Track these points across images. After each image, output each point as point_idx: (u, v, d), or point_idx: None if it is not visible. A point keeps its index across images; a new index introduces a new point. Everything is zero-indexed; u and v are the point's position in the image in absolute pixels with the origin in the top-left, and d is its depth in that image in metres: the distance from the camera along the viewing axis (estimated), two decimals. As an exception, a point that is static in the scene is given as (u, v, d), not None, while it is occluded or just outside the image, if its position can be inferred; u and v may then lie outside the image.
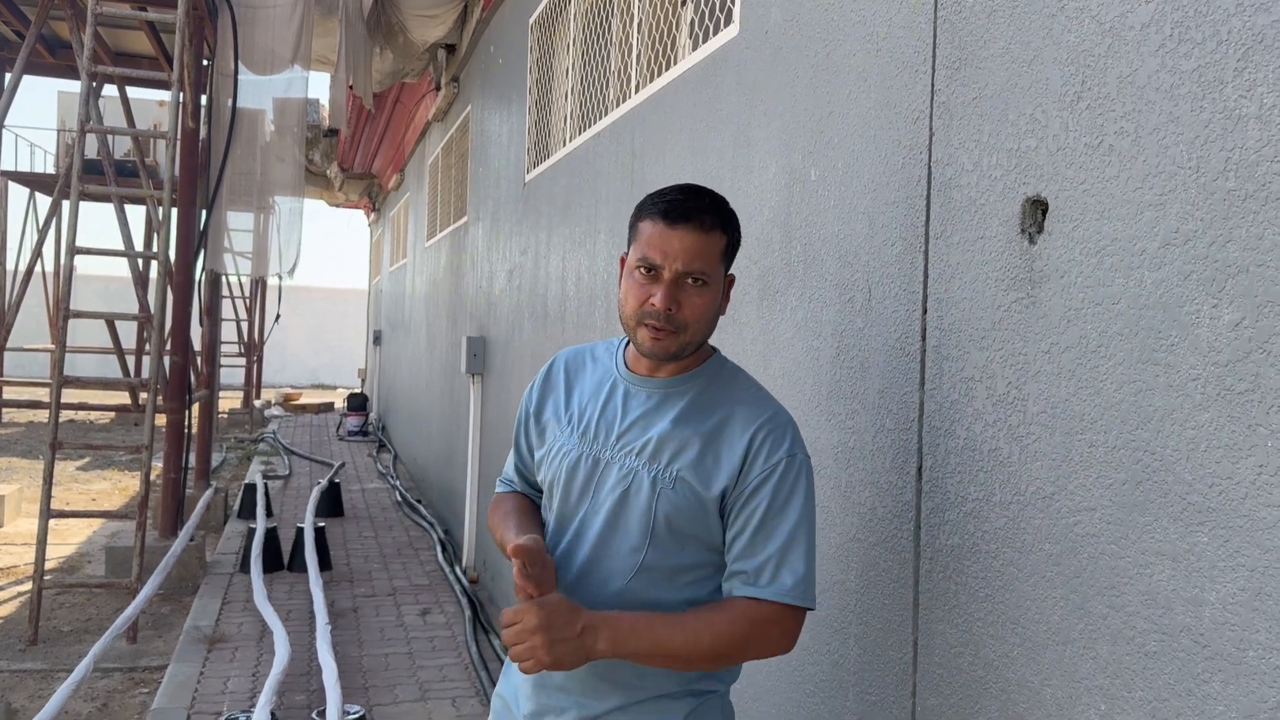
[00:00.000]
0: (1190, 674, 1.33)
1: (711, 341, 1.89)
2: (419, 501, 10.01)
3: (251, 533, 7.30)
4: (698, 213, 1.70)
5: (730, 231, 1.76)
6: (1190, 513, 1.33)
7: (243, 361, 18.02)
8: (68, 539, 8.45)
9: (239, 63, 7.86)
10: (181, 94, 6.73)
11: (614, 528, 1.75)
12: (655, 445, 1.74)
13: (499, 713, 1.97)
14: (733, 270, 1.77)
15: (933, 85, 1.94)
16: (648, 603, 1.72)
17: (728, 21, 3.01)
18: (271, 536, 7.30)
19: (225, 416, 16.55)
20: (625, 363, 1.86)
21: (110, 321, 12.26)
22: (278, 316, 17.31)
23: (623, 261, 1.80)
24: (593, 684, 1.76)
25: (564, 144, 5.07)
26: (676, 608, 1.71)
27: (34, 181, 17.17)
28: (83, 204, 6.91)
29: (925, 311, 1.94)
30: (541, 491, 1.95)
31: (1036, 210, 1.65)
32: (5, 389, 15.60)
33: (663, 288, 1.68)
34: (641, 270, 1.71)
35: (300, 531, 7.24)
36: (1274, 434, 1.22)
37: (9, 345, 11.85)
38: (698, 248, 1.69)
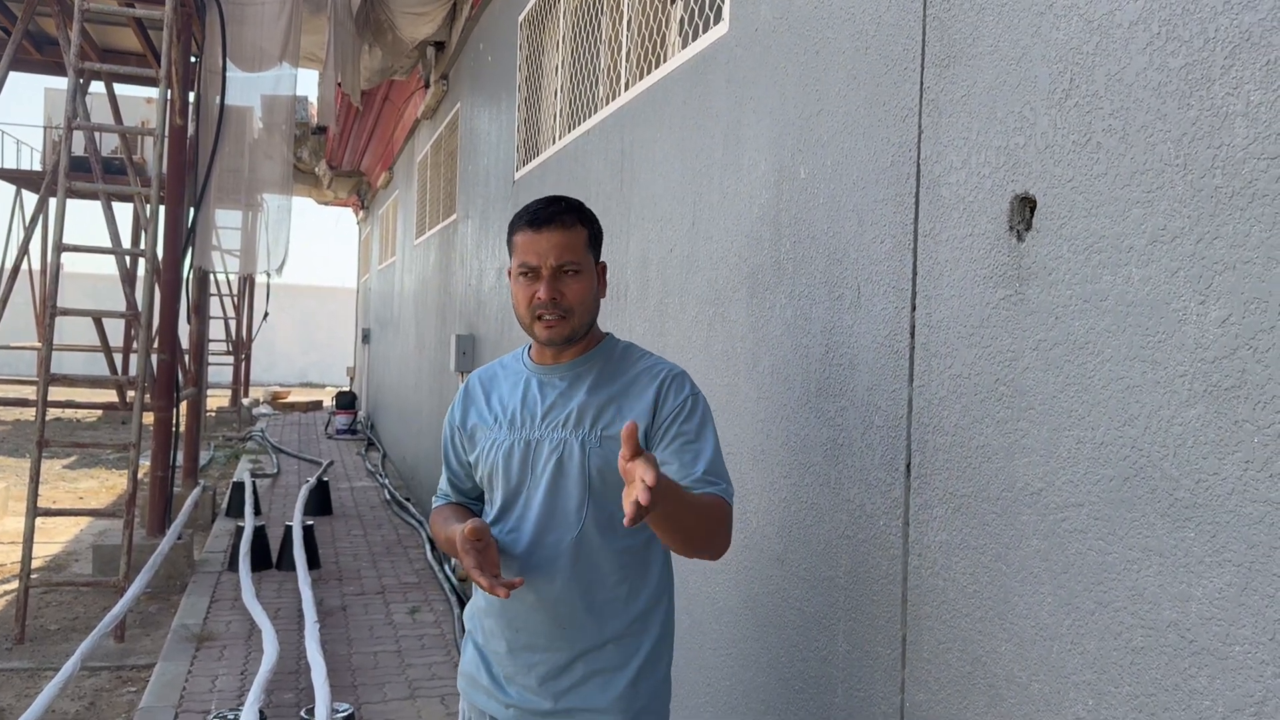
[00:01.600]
0: (1177, 669, 1.34)
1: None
2: (408, 500, 9.98)
3: (240, 531, 7.28)
4: (558, 214, 1.99)
5: (589, 225, 2.06)
6: (1177, 509, 1.34)
7: (231, 360, 17.96)
8: (55, 537, 8.41)
9: (227, 60, 7.83)
10: (169, 91, 6.71)
11: (556, 491, 2.00)
12: (577, 415, 2.00)
13: (465, 691, 2.17)
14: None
15: (922, 83, 1.94)
16: (594, 551, 1.99)
17: (717, 19, 3.01)
18: (260, 535, 7.28)
19: (213, 415, 16.49)
20: (532, 359, 2.12)
21: (98, 319, 12.20)
22: (266, 314, 17.26)
23: (509, 274, 2.06)
24: (555, 638, 2.00)
25: (553, 142, 5.06)
26: (616, 555, 2.01)
27: (21, 179, 17.06)
28: (70, 201, 6.88)
29: (914, 309, 1.95)
30: (475, 498, 2.21)
31: (1025, 208, 1.66)
32: (-9, 387, 15.52)
33: (543, 283, 1.96)
34: (524, 275, 1.99)
35: (289, 530, 7.22)
36: (1260, 430, 1.23)
37: (-5, 343, 11.78)
38: (564, 243, 1.97)
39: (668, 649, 2.10)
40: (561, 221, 1.99)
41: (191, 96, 8.00)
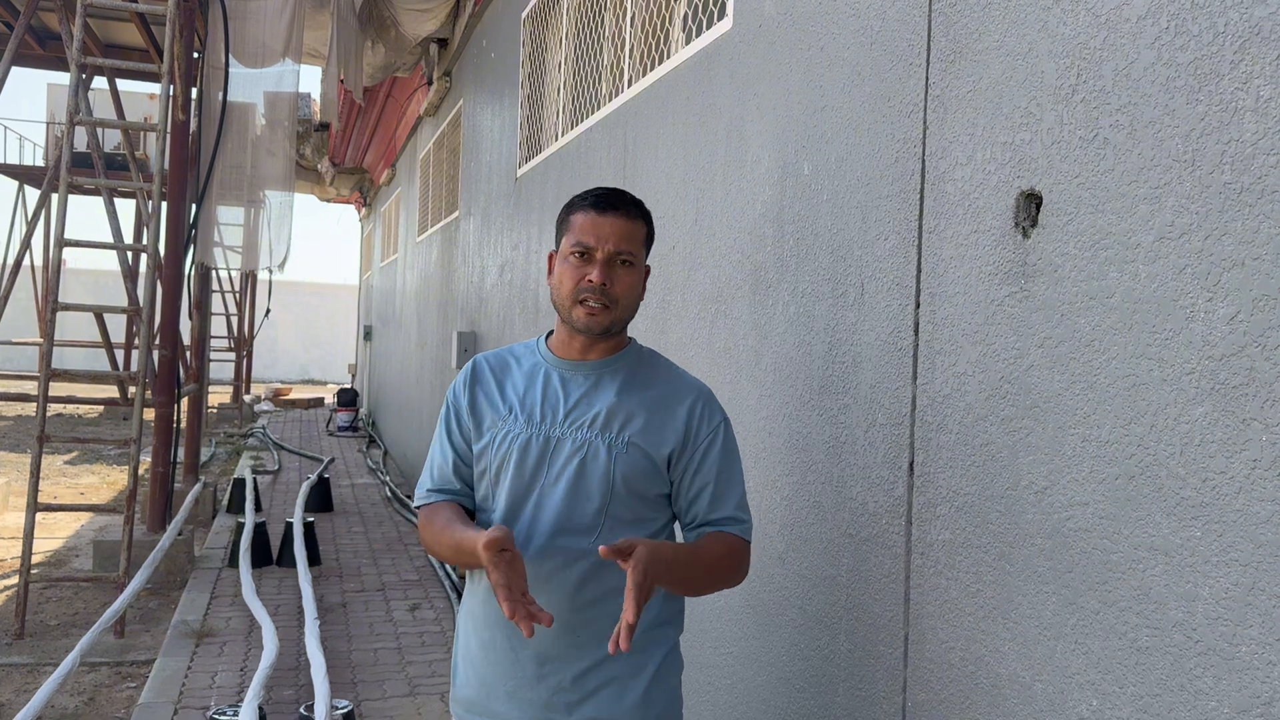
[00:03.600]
0: (1182, 669, 1.33)
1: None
2: (409, 497, 9.98)
3: (240, 527, 7.27)
4: (624, 203, 1.95)
5: (649, 224, 2.00)
6: (1183, 508, 1.33)
7: (232, 356, 17.95)
8: (55, 533, 8.40)
9: (230, 56, 7.82)
10: (172, 87, 6.70)
11: (575, 493, 1.90)
12: (605, 417, 1.93)
13: (463, 717, 2.01)
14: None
15: (927, 78, 1.93)
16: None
17: (721, 15, 2.99)
18: (260, 531, 7.27)
19: (214, 411, 16.49)
20: (552, 351, 2.03)
21: (99, 315, 12.20)
22: (268, 311, 17.24)
23: (551, 258, 2.01)
24: (569, 646, 1.90)
25: (556, 139, 5.05)
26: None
27: (23, 174, 17.07)
28: (72, 197, 6.87)
29: (918, 306, 1.94)
30: (471, 492, 2.04)
31: (1030, 204, 1.64)
32: (-7, 382, 15.52)
33: (598, 266, 1.90)
34: (576, 255, 1.92)
35: (289, 526, 7.21)
36: (1268, 429, 1.21)
37: (-3, 338, 11.79)
38: (626, 231, 1.93)
39: (679, 656, 2.04)
40: (626, 211, 1.94)
41: (194, 92, 7.98)
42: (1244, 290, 1.25)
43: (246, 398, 18.18)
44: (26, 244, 11.49)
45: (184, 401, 8.19)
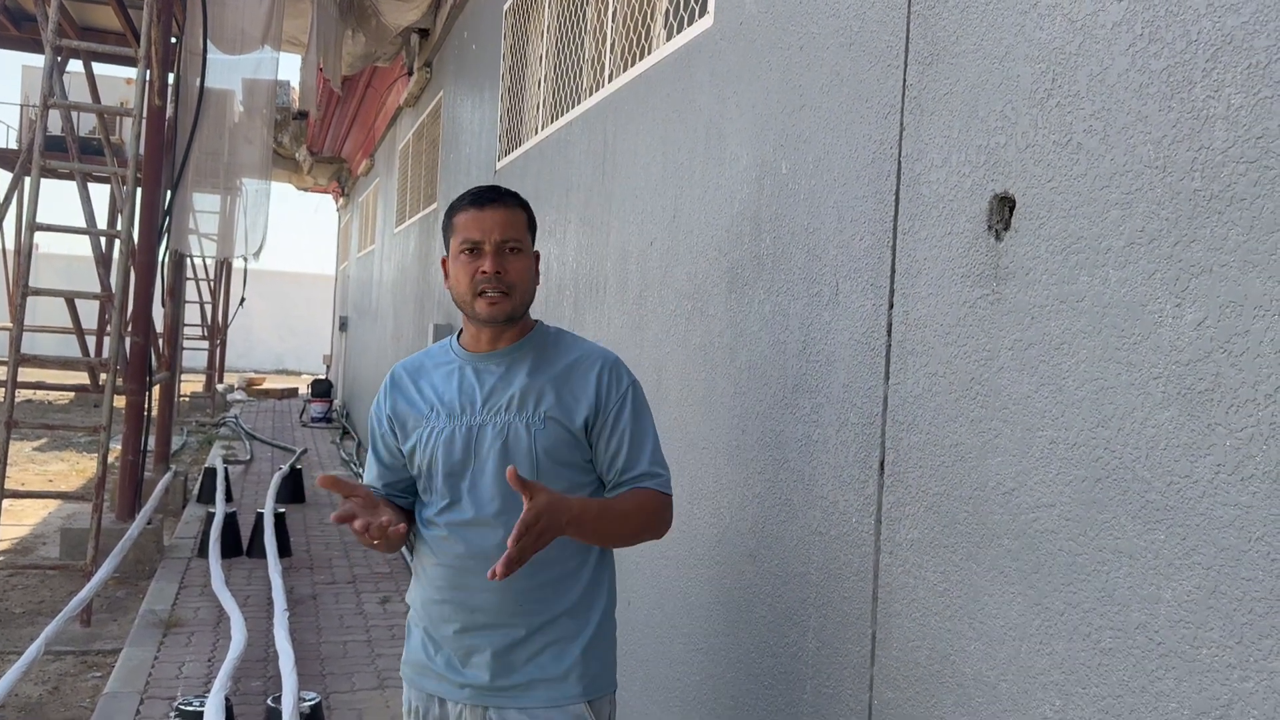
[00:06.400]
0: (1144, 671, 1.34)
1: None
2: (382, 489, 9.92)
3: (210, 517, 7.21)
4: (500, 195, 2.08)
5: (527, 210, 2.13)
6: (1148, 511, 1.34)
7: (205, 344, 17.79)
8: (22, 520, 8.31)
9: (208, 41, 7.75)
10: (149, 71, 6.63)
11: (503, 473, 1.99)
12: (519, 398, 2.05)
13: (412, 679, 2.15)
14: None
15: (904, 80, 1.94)
16: None
17: (703, 12, 2.99)
18: (231, 521, 7.21)
19: (186, 400, 16.34)
20: (464, 348, 2.14)
21: (70, 300, 12.08)
22: (242, 300, 17.10)
23: (444, 263, 2.12)
24: (513, 614, 2.03)
25: (536, 132, 5.04)
26: None
27: (-5, 156, 16.84)
28: (45, 181, 6.78)
29: (892, 306, 1.95)
30: (404, 490, 2.19)
31: (1004, 207, 1.65)
32: (-39, 367, 15.32)
33: (488, 257, 2.01)
34: (466, 251, 2.03)
35: (260, 517, 7.16)
36: (1233, 433, 1.23)
37: (-34, 322, 11.63)
38: (508, 220, 2.05)
39: (613, 618, 2.18)
40: (504, 202, 2.07)
41: (171, 78, 7.91)
42: (1211, 296, 1.26)
43: (219, 387, 18.04)
44: (-2, 227, 11.35)
45: (156, 389, 8.12)
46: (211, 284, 17.73)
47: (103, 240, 9.60)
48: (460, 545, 2.05)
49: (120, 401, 7.01)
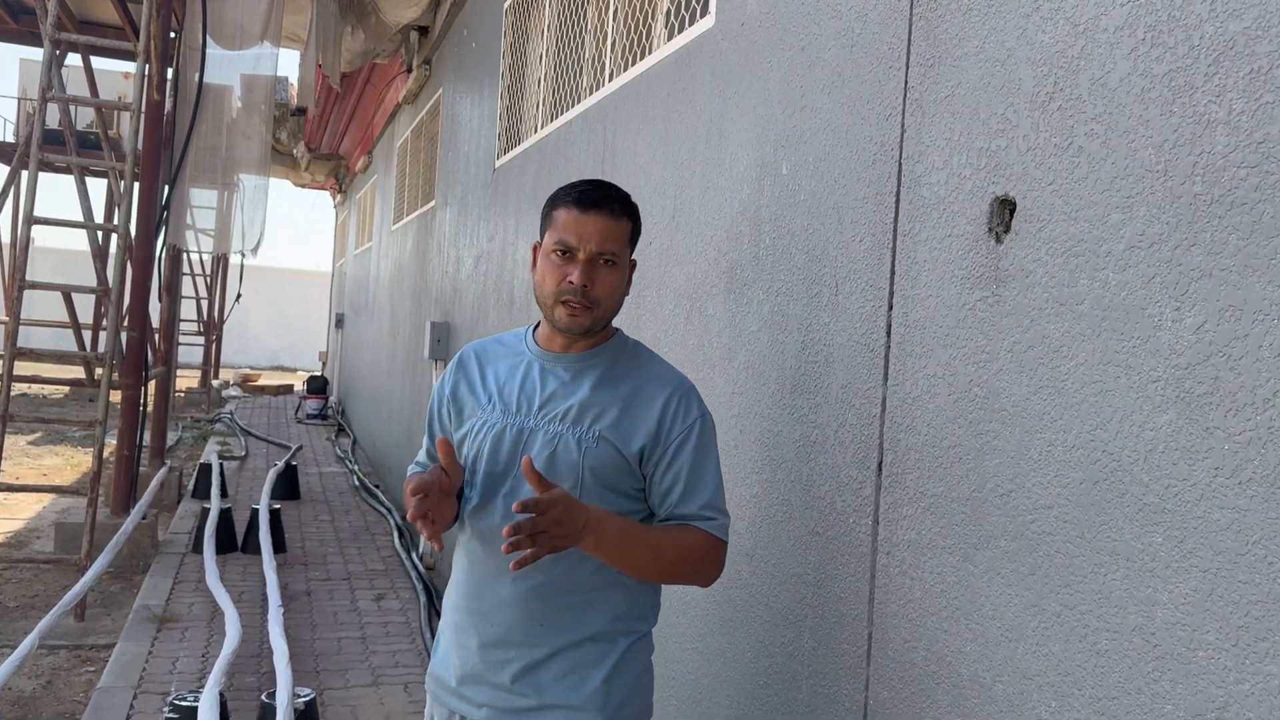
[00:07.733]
0: (1140, 673, 1.34)
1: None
2: (377, 487, 9.93)
3: (205, 513, 7.21)
4: (607, 200, 1.93)
5: (634, 219, 1.99)
6: (1146, 513, 1.35)
7: (202, 340, 17.78)
8: (17, 513, 8.30)
9: (207, 36, 7.75)
10: (147, 66, 6.62)
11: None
12: (577, 411, 1.93)
13: (434, 692, 2.07)
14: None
15: (906, 82, 1.94)
16: (577, 550, 1.85)
17: (704, 12, 3.00)
18: (226, 517, 7.21)
19: (182, 395, 16.33)
20: (537, 343, 2.04)
21: (67, 294, 12.06)
22: (239, 296, 17.08)
23: (535, 250, 2.00)
24: (532, 634, 1.92)
25: (535, 131, 5.04)
26: None
27: (-7, 150, 16.80)
28: (42, 175, 6.77)
29: (891, 307, 1.95)
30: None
31: (1004, 210, 1.66)
32: (-44, 360, 15.28)
33: (579, 267, 1.89)
34: (558, 253, 1.91)
35: (255, 513, 7.16)
36: (1231, 437, 1.23)
37: (-39, 315, 11.60)
38: (608, 231, 1.91)
39: (647, 648, 2.04)
40: (610, 209, 1.93)
41: (170, 72, 7.90)
42: (1211, 300, 1.27)
43: (215, 383, 18.02)
44: (-6, 221, 11.33)
45: (151, 384, 8.11)
46: (208, 280, 17.71)
47: (100, 235, 9.58)
48: (484, 554, 1.96)
49: (116, 396, 7.00)
